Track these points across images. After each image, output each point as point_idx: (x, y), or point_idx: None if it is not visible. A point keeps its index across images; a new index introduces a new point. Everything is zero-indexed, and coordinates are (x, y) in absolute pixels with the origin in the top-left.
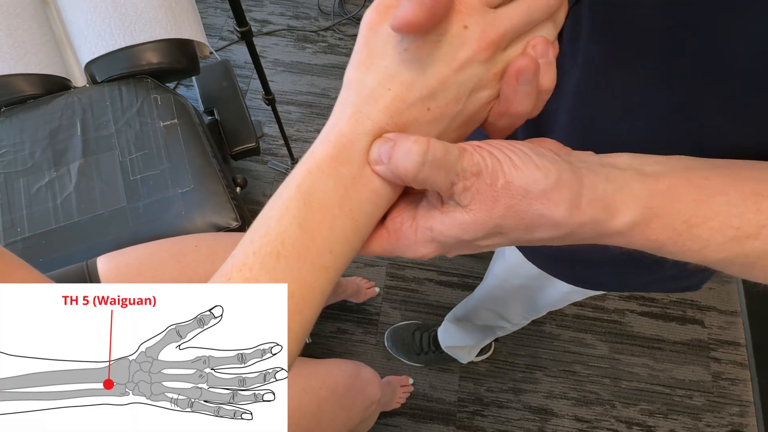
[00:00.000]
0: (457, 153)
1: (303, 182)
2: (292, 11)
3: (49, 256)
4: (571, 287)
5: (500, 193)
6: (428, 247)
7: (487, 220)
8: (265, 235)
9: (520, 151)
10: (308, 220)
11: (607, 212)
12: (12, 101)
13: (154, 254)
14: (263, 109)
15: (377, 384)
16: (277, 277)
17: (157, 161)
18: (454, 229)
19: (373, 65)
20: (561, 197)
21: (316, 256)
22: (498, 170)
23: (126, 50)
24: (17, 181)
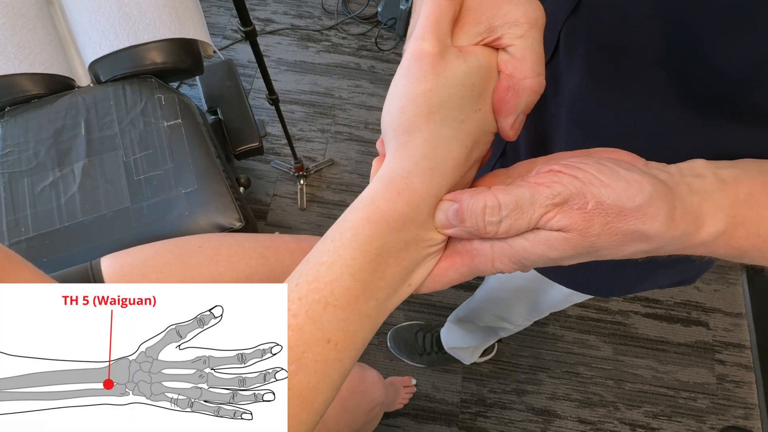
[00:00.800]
0: (530, 194)
1: (361, 233)
2: (296, 10)
3: (53, 256)
4: (570, 290)
5: (592, 214)
6: (506, 262)
7: (581, 240)
8: (314, 281)
9: (606, 167)
10: (362, 270)
11: (695, 224)
12: (16, 101)
13: (158, 255)
14: (266, 108)
15: (381, 386)
16: (323, 327)
17: (161, 161)
18: (540, 247)
19: (448, 118)
20: (657, 211)
21: (363, 304)
22: (585, 192)
23: (130, 50)
24: (21, 180)
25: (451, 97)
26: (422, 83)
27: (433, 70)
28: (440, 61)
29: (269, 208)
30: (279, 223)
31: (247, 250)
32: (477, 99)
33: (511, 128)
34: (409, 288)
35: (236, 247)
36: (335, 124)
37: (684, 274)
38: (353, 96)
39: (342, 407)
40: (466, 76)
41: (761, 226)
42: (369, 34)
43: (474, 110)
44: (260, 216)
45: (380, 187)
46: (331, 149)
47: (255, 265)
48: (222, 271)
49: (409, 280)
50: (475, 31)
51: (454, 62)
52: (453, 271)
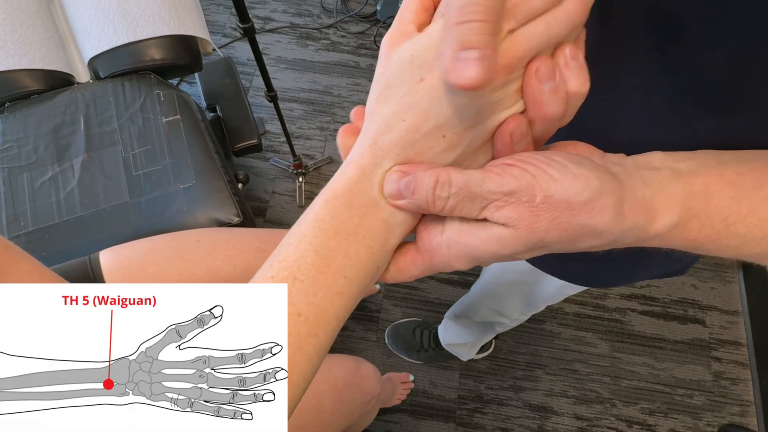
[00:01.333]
0: (480, 178)
1: (320, 211)
2: (295, 8)
3: (52, 250)
4: (564, 282)
5: (540, 208)
6: (462, 261)
7: (529, 235)
8: (284, 260)
9: (555, 162)
10: (323, 246)
11: (647, 216)
12: (16, 96)
13: (156, 249)
14: (265, 106)
15: (377, 379)
16: (293, 301)
17: (160, 157)
18: (492, 245)
19: (390, 95)
20: (604, 205)
21: (331, 281)
22: (534, 186)
23: (129, 46)
24: (21, 175)
25: (392, 74)
26: (378, 70)
27: (385, 54)
28: (392, 44)
29: (268, 206)
30: (278, 220)
31: (245, 245)
32: (418, 69)
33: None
34: (378, 271)
35: (234, 242)
36: (334, 122)
37: (675, 264)
38: (352, 94)
39: (338, 399)
40: (405, 49)
41: (714, 218)
42: (368, 33)
43: (415, 81)
44: (259, 213)
45: (338, 171)
46: (329, 147)
47: (252, 259)
48: (220, 265)
49: (378, 263)
50: None
51: (403, 43)
52: (414, 267)
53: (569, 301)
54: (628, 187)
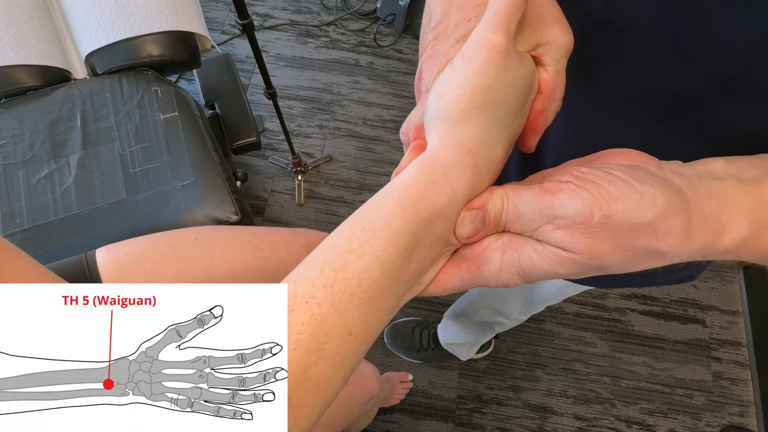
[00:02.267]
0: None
1: (394, 222)
2: (295, 6)
3: (48, 248)
4: (565, 282)
5: (598, 229)
6: (512, 273)
7: (589, 258)
8: (342, 269)
9: (617, 179)
10: (391, 264)
11: (715, 233)
12: (12, 92)
13: (153, 246)
14: (265, 103)
15: (376, 379)
16: (346, 318)
17: (157, 154)
18: (547, 261)
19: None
20: (671, 226)
21: (386, 299)
22: (592, 205)
23: (127, 42)
24: (17, 172)
25: (506, 96)
26: (484, 76)
27: (496, 65)
28: (505, 58)
29: (267, 204)
30: (276, 218)
31: (243, 243)
32: (522, 106)
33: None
34: (420, 287)
35: (232, 240)
36: (333, 120)
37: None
38: (352, 92)
39: (337, 399)
40: (522, 80)
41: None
42: (368, 30)
43: (517, 116)
44: (258, 211)
45: (416, 173)
46: (329, 145)
47: (250, 257)
48: (217, 263)
49: (422, 279)
50: (529, 40)
51: (516, 63)
52: (457, 277)
53: (569, 301)
54: (694, 204)
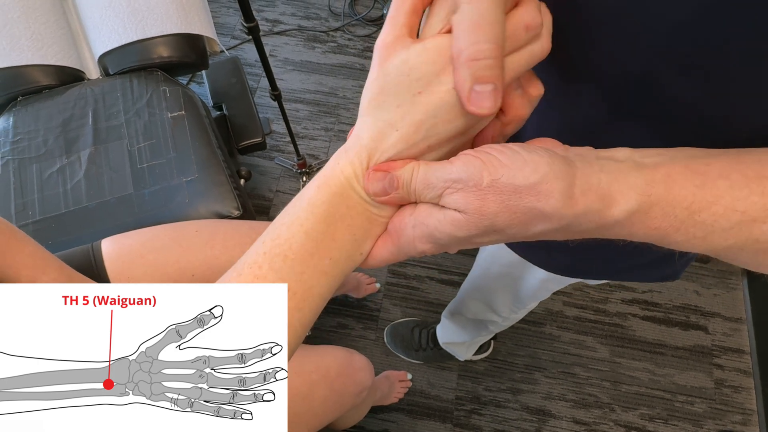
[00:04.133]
0: (435, 167)
1: (313, 196)
2: (303, 12)
3: (58, 238)
4: (547, 275)
5: (486, 191)
6: (426, 243)
7: (479, 219)
8: (276, 238)
9: (509, 150)
10: (314, 229)
11: (602, 202)
12: (29, 91)
13: (155, 237)
14: (272, 106)
15: (369, 371)
16: (282, 277)
17: (164, 151)
18: (448, 227)
19: (385, 103)
20: (551, 189)
21: (318, 261)
22: (482, 170)
23: (138, 44)
24: (30, 166)
25: (388, 83)
26: (372, 72)
27: (379, 59)
28: (386, 50)
29: (272, 204)
30: None
31: (243, 236)
32: (416, 82)
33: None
34: (361, 257)
35: (232, 233)
36: (339, 123)
37: (664, 268)
38: (357, 96)
39: (329, 388)
40: (404, 62)
41: (677, 206)
42: (374, 36)
43: (411, 94)
44: (263, 211)
45: (330, 160)
46: (333, 147)
47: None
48: (217, 254)
49: (361, 249)
50: (441, 16)
51: (398, 50)
52: (386, 249)
53: (570, 305)
54: (580, 173)
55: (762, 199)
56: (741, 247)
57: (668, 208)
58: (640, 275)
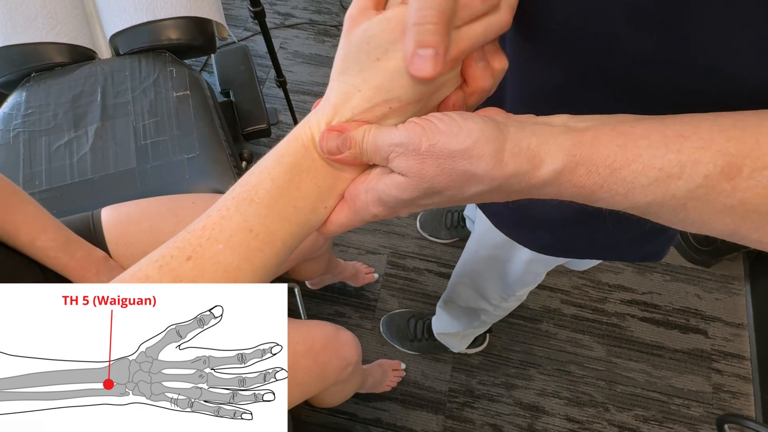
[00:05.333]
0: (385, 132)
1: (281, 148)
2: (315, 6)
3: (63, 208)
4: (531, 255)
5: (425, 156)
6: (377, 206)
7: (419, 181)
8: (245, 185)
9: (447, 117)
10: (280, 177)
11: (531, 163)
12: (41, 67)
13: (153, 206)
14: (280, 97)
15: (355, 346)
16: (247, 218)
17: (168, 128)
18: (393, 189)
19: (349, 68)
20: (482, 152)
21: (282, 207)
22: (421, 136)
23: (148, 25)
24: (39, 139)
25: (350, 51)
26: (340, 42)
27: (346, 30)
28: (352, 22)
29: None
30: None
31: None
32: (375, 50)
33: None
34: (326, 210)
35: None
36: None
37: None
38: None
39: (313, 360)
40: (365, 31)
41: (600, 165)
42: None
43: (372, 60)
44: None
45: (302, 121)
46: None
47: None
48: None
49: (325, 203)
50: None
51: (362, 21)
52: (342, 215)
53: (567, 303)
54: (511, 137)
55: (678, 156)
56: (660, 204)
57: (592, 167)
58: (622, 254)
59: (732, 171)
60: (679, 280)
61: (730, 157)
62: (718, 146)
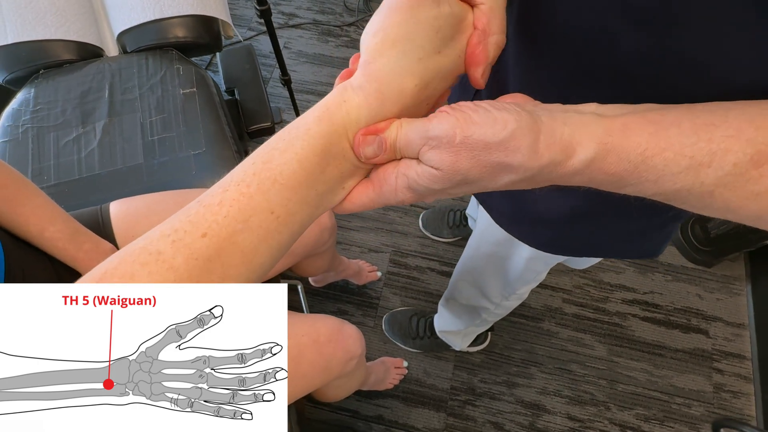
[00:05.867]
0: (417, 126)
1: (312, 128)
2: (319, 6)
3: (71, 203)
4: (531, 253)
5: (459, 147)
6: (406, 193)
7: (453, 174)
8: (268, 162)
9: (481, 108)
10: (308, 160)
11: (564, 153)
12: (50, 64)
13: (160, 201)
14: (284, 97)
15: (359, 340)
16: (269, 199)
17: (174, 124)
18: (425, 180)
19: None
20: (518, 144)
21: (305, 191)
22: (455, 128)
23: (155, 23)
24: (48, 135)
25: (416, 33)
26: (397, 15)
27: (408, 5)
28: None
29: None
30: None
31: None
32: (441, 42)
33: (482, 77)
34: (344, 191)
35: None
36: None
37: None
38: None
39: (318, 352)
40: (435, 18)
41: (632, 152)
42: None
43: (435, 51)
44: None
45: (333, 94)
46: None
47: None
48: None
49: (344, 184)
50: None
51: (428, 5)
52: (365, 195)
53: (569, 302)
54: (545, 128)
55: (708, 145)
56: (689, 191)
57: (623, 154)
58: (620, 251)
59: (761, 159)
60: (681, 280)
61: (759, 145)
62: (748, 135)
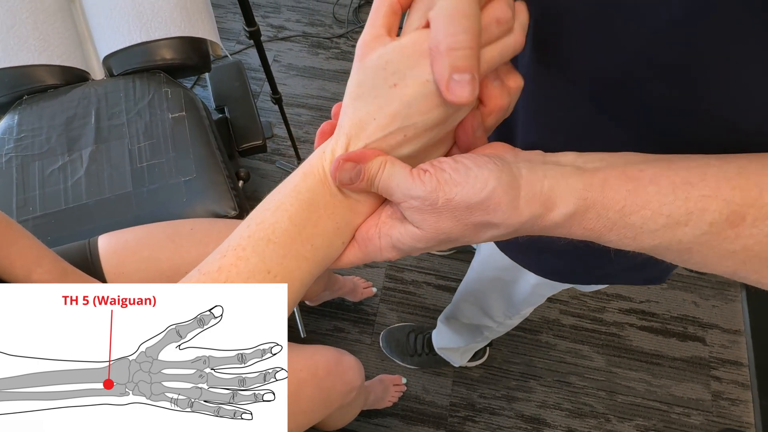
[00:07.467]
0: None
1: (298, 184)
2: (308, 18)
3: (58, 234)
4: (538, 279)
5: (441, 210)
6: (392, 251)
7: (434, 234)
8: (261, 222)
9: (461, 166)
10: (298, 215)
11: (544, 206)
12: (34, 90)
13: (151, 234)
14: (274, 111)
15: (358, 371)
16: (264, 260)
17: (164, 150)
18: (408, 239)
19: (364, 95)
20: (498, 202)
21: (300, 246)
22: (437, 191)
23: (142, 45)
24: (33, 163)
25: (366, 78)
26: (353, 69)
27: (359, 56)
28: (365, 48)
29: None
30: None
31: None
32: (391, 76)
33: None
34: (342, 245)
35: (226, 232)
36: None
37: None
38: None
39: (317, 387)
40: (380, 57)
41: (610, 209)
42: None
43: (388, 86)
44: None
45: (317, 151)
46: None
47: None
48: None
49: (342, 238)
50: (419, 14)
51: (376, 47)
52: (351, 254)
53: (566, 314)
54: (524, 183)
55: (686, 204)
56: (667, 247)
57: (602, 210)
58: (626, 278)
59: (736, 219)
60: (676, 287)
61: (735, 206)
62: (724, 195)
